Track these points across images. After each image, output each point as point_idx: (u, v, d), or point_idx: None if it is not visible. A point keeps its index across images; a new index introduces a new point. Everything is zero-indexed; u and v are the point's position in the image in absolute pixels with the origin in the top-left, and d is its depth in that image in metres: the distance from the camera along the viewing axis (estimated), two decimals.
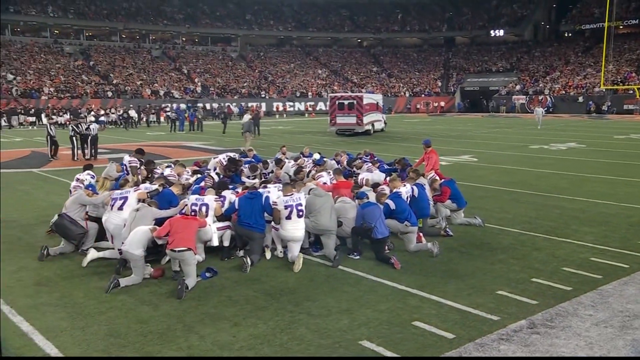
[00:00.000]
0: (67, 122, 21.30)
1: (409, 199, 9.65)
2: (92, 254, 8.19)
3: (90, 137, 19.95)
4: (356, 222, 8.56)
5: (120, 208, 8.42)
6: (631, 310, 6.58)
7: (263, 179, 11.34)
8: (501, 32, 71.02)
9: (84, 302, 6.85)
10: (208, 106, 52.78)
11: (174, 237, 7.26)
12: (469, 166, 18.88)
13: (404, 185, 9.80)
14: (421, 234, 9.33)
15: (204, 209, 8.26)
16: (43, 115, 41.29)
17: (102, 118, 38.05)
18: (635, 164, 18.76)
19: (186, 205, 8.46)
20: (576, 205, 12.38)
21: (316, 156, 13.20)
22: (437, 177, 11.19)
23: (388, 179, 10.40)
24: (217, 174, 11.40)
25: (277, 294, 7.13)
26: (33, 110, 43.89)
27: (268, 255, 8.57)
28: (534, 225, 10.57)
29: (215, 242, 8.30)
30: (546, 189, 14.36)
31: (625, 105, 49.59)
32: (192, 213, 8.25)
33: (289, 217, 8.25)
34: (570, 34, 68.58)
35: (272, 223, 8.52)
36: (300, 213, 8.31)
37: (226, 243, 8.55)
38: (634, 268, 8.03)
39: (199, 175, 10.59)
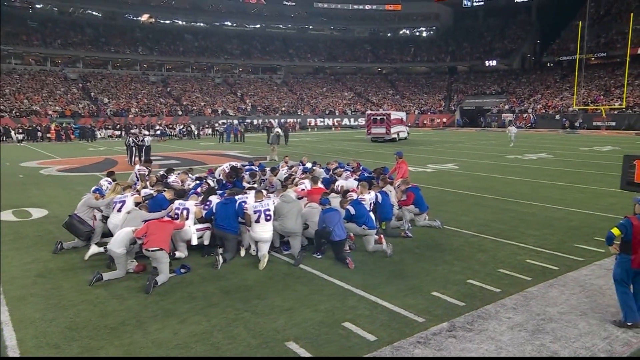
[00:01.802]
0: (127, 135, 20.77)
1: (372, 204, 8.71)
2: (93, 249, 7.56)
3: (144, 147, 19.57)
4: (318, 226, 7.67)
5: (119, 210, 7.76)
6: (548, 313, 5.52)
7: (248, 186, 10.46)
8: (494, 62, 68.38)
9: (67, 294, 6.18)
10: (255, 122, 52.39)
11: (148, 238, 6.53)
12: (449, 173, 17.59)
13: (369, 192, 8.86)
14: (382, 236, 8.36)
15: (185, 212, 7.51)
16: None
17: (158, 131, 37.74)
18: (589, 172, 17.06)
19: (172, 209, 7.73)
20: (529, 209, 11.09)
21: (308, 165, 12.29)
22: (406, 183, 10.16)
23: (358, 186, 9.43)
24: (219, 180, 10.67)
25: (233, 291, 6.30)
26: (119, 125, 44.12)
27: (242, 253, 7.77)
28: (487, 228, 9.40)
29: (194, 242, 7.54)
30: (509, 194, 13.05)
31: (594, 122, 46.51)
32: (175, 216, 7.52)
33: (257, 221, 7.43)
34: (550, 64, 65.24)
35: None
36: (268, 217, 7.48)
37: (206, 242, 7.77)
38: (562, 270, 6.91)
39: (197, 182, 9.84)
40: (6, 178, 16.56)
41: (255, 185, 10.65)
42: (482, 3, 72.36)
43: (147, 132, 24.05)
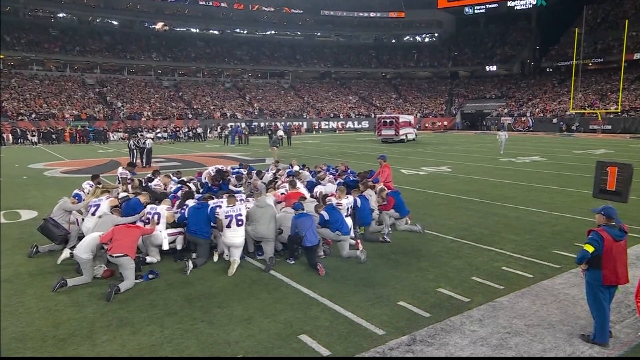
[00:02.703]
0: (128, 138, 20.43)
1: (350, 209, 8.25)
2: (65, 254, 7.20)
3: (145, 150, 19.25)
4: (291, 231, 7.25)
5: (94, 214, 7.41)
6: (514, 326, 5.04)
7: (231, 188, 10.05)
8: (494, 68, 67.46)
9: (27, 300, 5.82)
10: (262, 124, 52.03)
11: (113, 244, 6.16)
12: (441, 176, 16.99)
13: (347, 197, 8.40)
14: (359, 240, 7.91)
15: (156, 217, 7.13)
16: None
17: (159, 134, 37.45)
18: (579, 175, 16.36)
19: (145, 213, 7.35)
20: (515, 213, 10.54)
21: (296, 168, 11.84)
22: (386, 188, 9.70)
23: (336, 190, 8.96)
24: (205, 183, 10.28)
25: (196, 298, 5.89)
26: (130, 128, 43.84)
27: (215, 258, 7.37)
28: (469, 233, 8.89)
29: (166, 246, 7.16)
30: (496, 197, 12.48)
31: (591, 126, 45.46)
32: (147, 220, 7.14)
33: (229, 226, 7.03)
34: (549, 69, 64.19)
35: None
36: (240, 222, 7.07)
37: (179, 247, 7.38)
38: (537, 278, 6.40)
39: (178, 185, 9.45)
40: (10, 179, 16.36)
41: (242, 189, 10.29)
42: (483, 10, 71.32)
43: (149, 135, 23.66)
